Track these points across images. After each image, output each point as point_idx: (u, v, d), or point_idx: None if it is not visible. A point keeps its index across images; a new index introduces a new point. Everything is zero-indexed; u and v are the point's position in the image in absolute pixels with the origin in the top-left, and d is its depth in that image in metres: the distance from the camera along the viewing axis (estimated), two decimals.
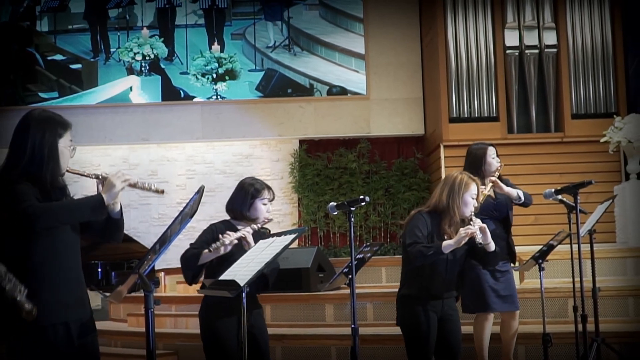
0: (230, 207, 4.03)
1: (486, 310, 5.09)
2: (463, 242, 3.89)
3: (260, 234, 3.98)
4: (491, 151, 5.19)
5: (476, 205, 4.03)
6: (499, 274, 5.06)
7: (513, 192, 5.15)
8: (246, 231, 3.81)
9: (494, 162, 5.15)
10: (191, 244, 3.91)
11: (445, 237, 3.97)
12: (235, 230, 3.89)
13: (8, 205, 2.81)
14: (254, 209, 3.95)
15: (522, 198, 5.15)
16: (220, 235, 3.75)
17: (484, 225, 3.93)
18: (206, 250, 3.72)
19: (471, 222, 3.92)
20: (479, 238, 3.88)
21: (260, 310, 4.02)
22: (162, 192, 2.99)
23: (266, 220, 3.95)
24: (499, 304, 5.08)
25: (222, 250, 3.71)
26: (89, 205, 2.87)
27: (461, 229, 3.90)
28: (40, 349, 2.87)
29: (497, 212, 5.14)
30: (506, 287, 5.08)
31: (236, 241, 3.75)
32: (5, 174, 2.92)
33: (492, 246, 3.98)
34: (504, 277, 5.07)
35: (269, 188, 4.02)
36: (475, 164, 5.12)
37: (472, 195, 4.01)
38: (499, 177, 5.22)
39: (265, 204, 3.97)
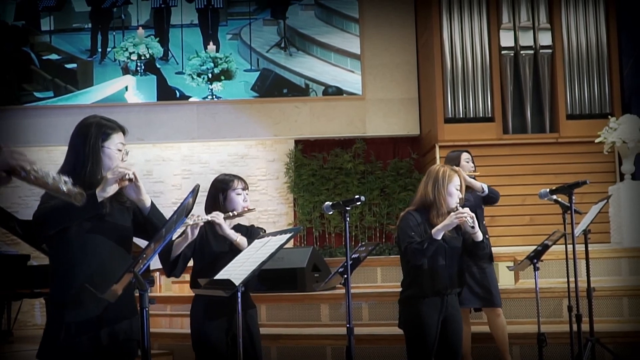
0: (207, 207, 3.96)
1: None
2: (453, 225, 3.91)
3: (250, 231, 3.97)
4: (465, 156, 5.47)
5: (461, 196, 4.05)
6: (477, 270, 5.10)
7: (476, 184, 5.32)
8: (215, 215, 3.73)
9: (467, 166, 5.41)
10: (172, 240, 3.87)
11: None
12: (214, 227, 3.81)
13: None
14: (228, 201, 3.90)
15: (486, 190, 5.27)
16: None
17: (473, 214, 3.94)
18: (176, 239, 3.65)
19: None
20: (470, 222, 3.90)
21: (254, 310, 3.99)
22: (133, 180, 2.99)
23: (246, 210, 3.88)
24: (473, 300, 5.14)
25: (190, 235, 3.61)
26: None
27: (452, 213, 3.92)
28: (64, 346, 2.90)
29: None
30: (482, 283, 5.12)
31: (202, 223, 3.65)
32: None
33: (479, 236, 3.99)
34: (481, 274, 5.13)
35: (239, 178, 3.97)
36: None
37: (456, 186, 4.04)
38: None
39: (239, 194, 3.92)
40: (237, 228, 3.93)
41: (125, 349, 3.02)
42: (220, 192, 3.93)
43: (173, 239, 3.65)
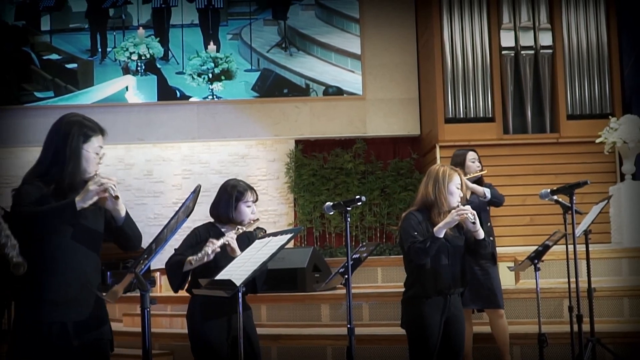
0: (214, 211, 4.01)
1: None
2: (454, 222, 3.91)
3: (248, 235, 3.97)
4: (471, 155, 5.41)
5: (461, 195, 4.05)
6: (480, 272, 5.10)
7: (479, 189, 5.28)
8: (230, 237, 3.78)
9: (473, 166, 5.36)
10: (175, 249, 3.90)
11: None
12: (219, 233, 3.88)
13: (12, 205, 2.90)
14: (238, 212, 3.95)
15: (488, 195, 5.26)
16: (206, 245, 3.72)
17: (474, 211, 3.94)
18: (190, 259, 3.72)
19: None
20: (471, 218, 3.90)
21: (250, 312, 4.00)
22: (117, 198, 2.96)
23: (251, 222, 3.93)
24: (477, 301, 5.14)
25: (205, 259, 3.69)
26: (60, 209, 2.86)
27: (453, 210, 3.92)
28: (35, 346, 2.88)
29: None
30: (485, 284, 5.12)
31: (219, 249, 3.72)
32: (27, 173, 3.01)
33: (480, 233, 3.99)
34: (484, 275, 5.12)
35: (252, 189, 4.03)
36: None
37: (457, 185, 4.04)
38: (480, 181, 5.33)
39: (249, 206, 3.96)
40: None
41: (98, 349, 3.00)
42: (232, 200, 3.94)
43: (190, 260, 3.72)
